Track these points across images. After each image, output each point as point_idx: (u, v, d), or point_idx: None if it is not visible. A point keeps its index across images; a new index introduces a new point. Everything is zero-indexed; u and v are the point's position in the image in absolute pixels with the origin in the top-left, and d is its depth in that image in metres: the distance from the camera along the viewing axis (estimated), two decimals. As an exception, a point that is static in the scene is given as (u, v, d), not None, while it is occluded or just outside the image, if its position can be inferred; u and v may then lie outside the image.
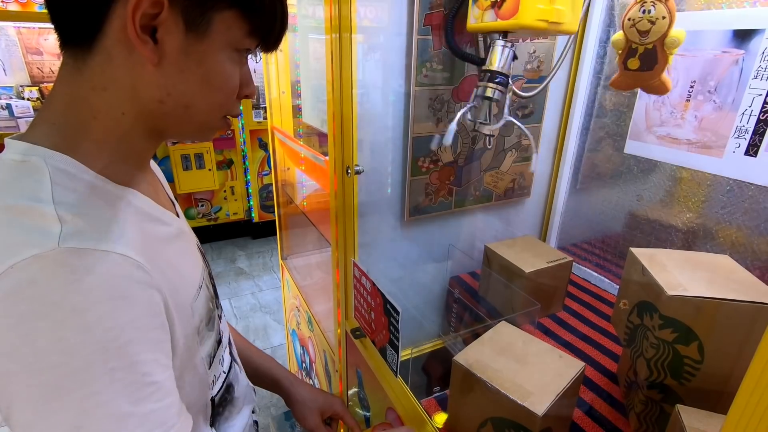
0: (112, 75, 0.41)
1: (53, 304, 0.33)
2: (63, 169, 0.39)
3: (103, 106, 0.42)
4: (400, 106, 0.98)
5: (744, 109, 0.82)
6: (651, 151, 1.02)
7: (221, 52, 0.43)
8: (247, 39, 0.44)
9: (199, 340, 0.51)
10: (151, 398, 0.38)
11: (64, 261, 0.34)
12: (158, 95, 0.43)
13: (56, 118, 0.42)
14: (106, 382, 0.35)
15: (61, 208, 0.37)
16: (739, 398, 0.28)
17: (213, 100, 0.45)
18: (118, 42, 0.40)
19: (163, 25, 0.39)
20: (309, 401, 0.77)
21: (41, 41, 3.12)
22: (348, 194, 0.88)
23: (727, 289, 0.61)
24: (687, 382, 0.64)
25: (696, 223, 0.95)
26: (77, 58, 0.41)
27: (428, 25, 0.91)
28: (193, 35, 0.41)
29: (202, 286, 0.53)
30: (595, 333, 0.99)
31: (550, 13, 0.68)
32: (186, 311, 0.48)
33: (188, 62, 0.42)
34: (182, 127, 0.47)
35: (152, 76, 0.41)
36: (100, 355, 0.35)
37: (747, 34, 0.81)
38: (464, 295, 1.13)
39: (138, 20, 0.38)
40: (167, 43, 0.40)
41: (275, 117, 1.57)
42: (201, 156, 3.17)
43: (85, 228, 0.37)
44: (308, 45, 1.45)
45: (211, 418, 0.57)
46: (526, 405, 0.60)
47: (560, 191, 1.26)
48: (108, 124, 0.43)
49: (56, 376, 0.33)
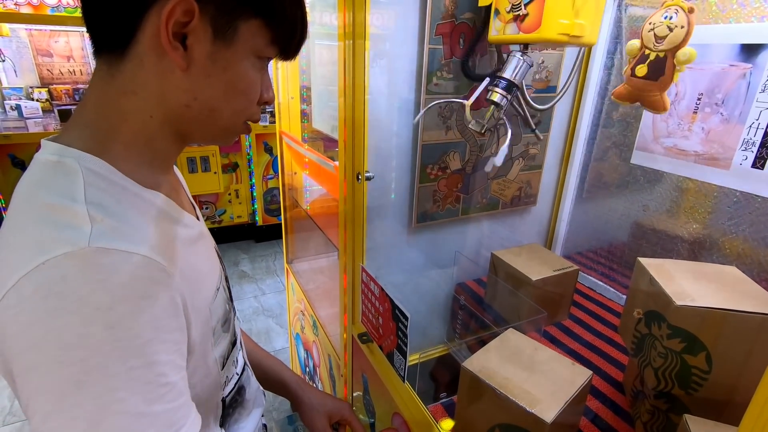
0: (142, 80, 0.42)
1: (80, 301, 0.34)
2: (94, 171, 0.41)
3: (132, 109, 0.43)
4: (410, 114, 0.99)
5: (751, 122, 0.83)
6: (658, 162, 1.03)
7: (245, 59, 0.45)
8: (269, 47, 0.46)
9: (214, 341, 0.52)
10: (164, 398, 0.38)
11: (93, 260, 0.35)
12: (185, 99, 0.44)
13: (88, 121, 0.44)
14: (124, 380, 0.35)
15: (92, 208, 0.38)
16: (752, 409, 0.29)
17: (236, 105, 0.47)
18: (150, 48, 0.41)
19: (193, 33, 0.41)
20: (317, 405, 0.78)
21: (52, 43, 3.16)
22: (358, 200, 0.89)
23: (735, 299, 0.62)
24: (694, 391, 0.64)
25: (702, 234, 0.95)
26: (111, 64, 0.42)
27: (439, 35, 0.92)
28: (220, 42, 0.42)
29: (220, 287, 0.54)
30: (601, 342, 0.99)
31: (572, 28, 0.69)
32: (204, 312, 0.48)
33: (215, 68, 0.43)
34: (206, 131, 0.49)
35: (180, 81, 0.43)
36: (121, 353, 0.35)
37: (754, 48, 0.82)
38: (470, 302, 1.14)
39: (171, 28, 0.39)
40: (196, 49, 0.42)
41: (284, 122, 1.58)
42: (207, 159, 3.19)
43: (114, 228, 0.38)
44: (316, 51, 1.47)
45: (221, 419, 0.58)
46: (534, 412, 0.60)
47: (566, 200, 1.27)
48: (136, 127, 0.44)
49: (77, 371, 0.34)
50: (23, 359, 0.35)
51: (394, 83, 0.96)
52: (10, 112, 2.95)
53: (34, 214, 0.38)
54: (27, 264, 0.34)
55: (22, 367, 0.35)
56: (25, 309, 0.34)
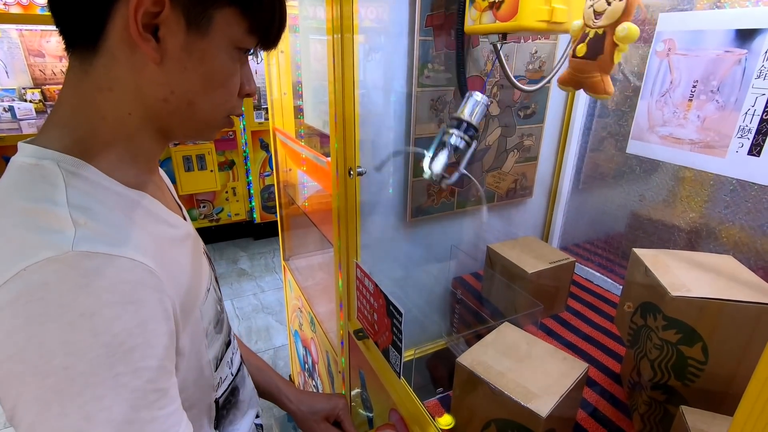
0: (116, 75, 0.41)
1: (62, 307, 0.33)
2: (75, 172, 0.40)
3: (109, 107, 0.42)
4: (402, 107, 0.98)
5: (747, 108, 0.82)
6: (653, 151, 1.02)
7: (222, 49, 0.43)
8: (247, 37, 0.44)
9: (207, 343, 0.51)
10: (154, 405, 0.37)
11: (77, 264, 0.34)
12: (162, 94, 0.43)
13: (65, 121, 0.42)
14: (111, 387, 0.35)
15: (75, 211, 0.37)
16: (746, 400, 0.28)
17: (216, 98, 0.46)
18: (121, 42, 0.40)
19: (165, 24, 0.39)
20: (310, 414, 0.77)
21: (43, 43, 3.13)
22: (350, 195, 0.88)
23: (731, 289, 0.61)
24: (691, 383, 0.64)
25: (699, 223, 0.94)
26: (83, 60, 0.41)
27: (430, 27, 0.91)
28: (194, 33, 0.41)
29: (210, 288, 0.54)
30: (598, 333, 0.99)
31: (550, 13, 0.67)
32: (194, 314, 0.48)
33: (190, 60, 0.42)
34: (186, 126, 0.47)
35: (155, 75, 0.42)
36: (106, 360, 0.34)
37: (750, 33, 0.80)
38: (467, 296, 1.13)
39: (140, 19, 0.38)
40: (169, 41, 0.40)
41: (277, 118, 1.57)
42: (203, 157, 3.17)
43: (98, 232, 0.37)
44: (309, 46, 1.46)
45: (216, 421, 0.57)
46: (529, 406, 0.60)
47: (562, 191, 1.26)
48: (115, 125, 0.43)
49: (61, 379, 0.33)
50: (5, 367, 0.34)
51: (385, 76, 0.95)
52: (4, 114, 2.93)
53: (14, 219, 0.36)
54: (8, 270, 0.33)
55: (4, 376, 0.34)
56: (6, 316, 0.33)
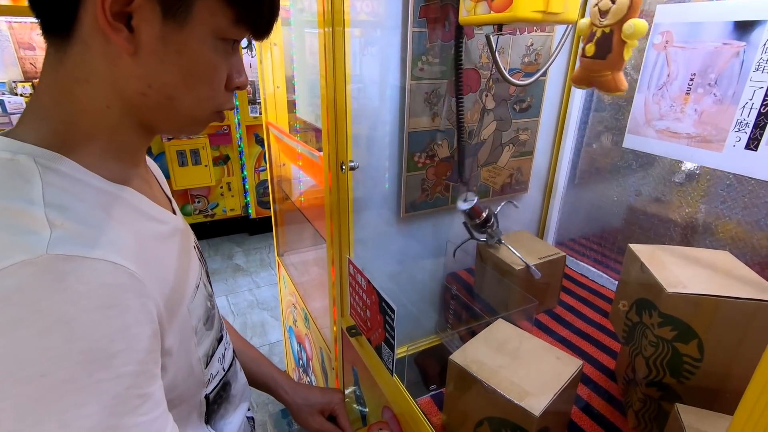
0: (92, 66, 0.39)
1: (38, 313, 0.32)
2: (53, 168, 0.38)
3: (87, 98, 0.40)
4: (395, 101, 0.96)
5: (745, 102, 0.80)
6: (650, 146, 1.01)
7: (205, 41, 0.41)
8: (233, 28, 0.42)
9: (196, 341, 0.50)
10: (137, 411, 0.36)
11: (53, 268, 0.33)
12: (139, 87, 0.41)
13: (44, 113, 0.40)
14: (91, 394, 0.33)
15: (51, 210, 0.35)
16: (747, 399, 0.27)
17: (199, 93, 0.43)
18: (94, 30, 0.37)
19: (138, 12, 0.37)
20: (306, 406, 0.76)
21: (33, 36, 3.08)
22: (342, 190, 0.86)
23: (727, 285, 0.60)
24: (686, 380, 0.63)
25: (695, 219, 0.94)
26: (58, 47, 0.39)
27: (424, 18, 0.89)
28: (171, 23, 0.38)
29: (199, 285, 0.52)
30: (593, 330, 0.98)
31: (546, 4, 0.66)
32: (182, 313, 0.46)
33: (168, 52, 0.39)
34: (170, 121, 0.45)
35: (130, 67, 0.39)
36: (86, 366, 0.33)
37: (748, 25, 0.79)
38: (461, 292, 1.12)
39: (109, 6, 0.35)
40: (143, 31, 0.38)
41: (270, 112, 1.55)
42: (197, 152, 3.14)
43: (76, 233, 0.35)
44: (303, 39, 1.43)
45: (207, 416, 0.56)
46: (522, 405, 0.59)
47: (558, 186, 1.25)
48: (95, 117, 0.41)
49: (39, 387, 0.32)
50: None
51: (378, 69, 0.93)
52: (-6, 107, 2.89)
53: None
54: None
55: None
56: None
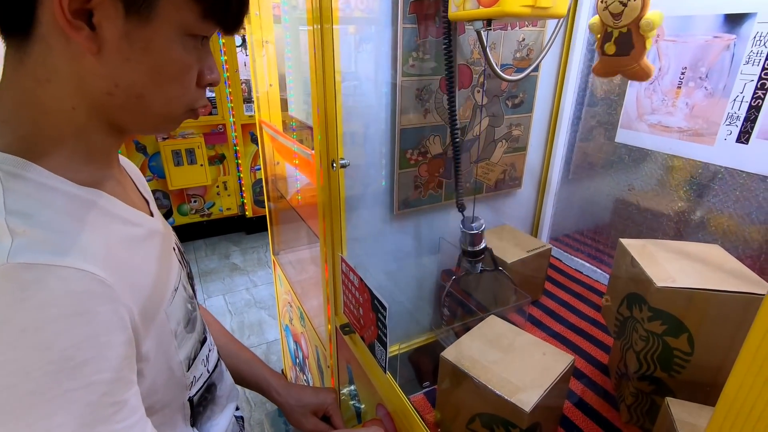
0: (53, 66, 0.38)
1: (1, 324, 0.31)
2: (15, 173, 0.37)
3: (50, 100, 0.39)
4: (386, 98, 0.96)
5: (735, 95, 0.80)
6: (642, 140, 1.01)
7: (172, 37, 0.39)
8: (201, 23, 0.40)
9: (176, 344, 0.49)
10: (111, 419, 0.36)
11: (15, 277, 0.32)
12: (105, 87, 0.39)
13: (6, 116, 0.39)
14: (61, 405, 0.33)
15: (13, 218, 0.34)
16: (727, 390, 0.27)
17: (168, 92, 0.42)
18: (54, 29, 0.36)
19: (99, 9, 0.36)
20: (299, 407, 0.76)
21: None
22: (334, 188, 0.86)
23: (717, 279, 0.60)
24: (677, 374, 0.63)
25: (688, 212, 0.94)
26: (18, 47, 0.38)
27: (414, 14, 0.89)
28: (135, 20, 0.37)
29: (178, 288, 0.51)
30: (586, 324, 0.98)
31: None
32: (159, 317, 0.46)
33: (133, 50, 0.38)
34: (140, 121, 0.44)
35: (95, 67, 0.38)
36: (54, 377, 0.32)
37: (738, 18, 0.79)
38: (455, 289, 1.12)
39: (67, 4, 0.34)
40: (106, 29, 0.36)
41: (263, 111, 1.54)
42: (192, 151, 3.13)
43: (40, 240, 0.34)
44: (296, 37, 1.43)
45: (192, 418, 0.56)
46: (513, 401, 0.59)
47: (552, 182, 1.25)
48: (60, 120, 0.40)
49: (6, 399, 0.31)
50: None
51: (369, 66, 0.93)
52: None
53: None
54: None
55: None
56: None
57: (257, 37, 1.45)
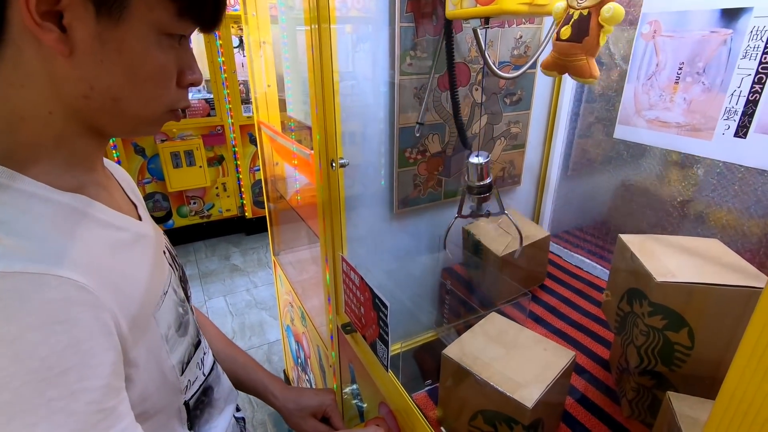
0: (26, 70, 0.37)
1: None
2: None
3: (26, 105, 0.38)
4: (385, 97, 0.96)
5: (733, 90, 0.81)
6: (640, 136, 1.01)
7: (146, 37, 0.39)
8: (177, 22, 0.39)
9: (168, 349, 0.48)
10: (98, 426, 0.35)
11: None
12: (81, 90, 0.38)
13: None
14: (43, 415, 0.32)
15: None
16: (727, 383, 0.28)
17: (146, 92, 0.41)
18: (24, 32, 0.35)
19: (69, 10, 0.35)
20: (297, 411, 0.76)
21: None
22: (333, 188, 0.86)
23: (717, 273, 0.60)
24: (678, 368, 0.63)
25: (687, 207, 0.94)
26: None
27: (411, 12, 0.89)
28: (106, 20, 0.36)
29: (168, 291, 0.50)
30: (587, 320, 0.99)
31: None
32: (148, 322, 0.45)
33: (107, 51, 0.37)
34: (120, 124, 0.43)
35: (68, 69, 0.37)
36: (36, 386, 0.32)
37: (735, 12, 0.79)
38: (456, 286, 1.13)
39: (34, 6, 0.33)
40: (77, 30, 0.36)
41: (261, 112, 1.54)
42: (191, 153, 3.13)
43: (16, 248, 0.34)
44: (293, 37, 1.43)
45: (189, 422, 0.55)
46: (515, 397, 0.59)
47: (551, 178, 1.25)
48: (37, 125, 0.39)
49: None
50: None
51: (367, 65, 0.93)
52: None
53: None
54: None
55: None
56: None
57: (254, 37, 1.45)
